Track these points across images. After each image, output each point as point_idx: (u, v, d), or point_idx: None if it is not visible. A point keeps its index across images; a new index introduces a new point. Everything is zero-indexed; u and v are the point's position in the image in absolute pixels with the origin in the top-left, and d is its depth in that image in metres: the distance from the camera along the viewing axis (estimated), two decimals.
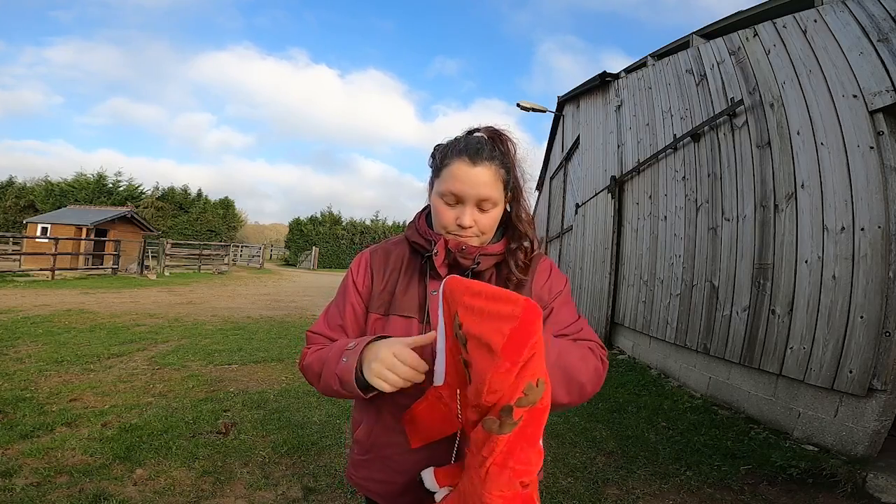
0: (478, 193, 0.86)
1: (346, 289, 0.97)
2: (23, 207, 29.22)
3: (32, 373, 4.04)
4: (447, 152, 0.90)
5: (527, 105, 10.77)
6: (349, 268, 0.99)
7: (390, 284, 0.93)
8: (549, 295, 0.94)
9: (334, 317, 0.96)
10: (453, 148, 0.89)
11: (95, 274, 14.94)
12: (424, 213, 0.99)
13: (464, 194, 0.86)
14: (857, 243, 2.90)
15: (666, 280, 5.28)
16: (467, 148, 0.87)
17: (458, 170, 0.86)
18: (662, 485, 2.66)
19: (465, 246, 0.87)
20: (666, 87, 5.55)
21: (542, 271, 0.95)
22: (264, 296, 12.13)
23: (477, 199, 0.86)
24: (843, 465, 2.69)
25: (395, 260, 0.96)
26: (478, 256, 0.88)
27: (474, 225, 0.87)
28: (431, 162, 0.94)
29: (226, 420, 3.26)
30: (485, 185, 0.86)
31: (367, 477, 0.93)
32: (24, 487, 2.22)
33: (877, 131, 2.81)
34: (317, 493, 2.41)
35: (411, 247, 0.96)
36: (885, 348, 2.69)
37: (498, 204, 0.89)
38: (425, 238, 0.92)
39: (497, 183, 0.88)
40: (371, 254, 0.98)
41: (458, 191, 0.86)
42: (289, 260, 33.18)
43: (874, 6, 2.86)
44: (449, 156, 0.88)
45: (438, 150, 0.93)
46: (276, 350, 5.61)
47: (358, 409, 0.97)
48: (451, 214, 0.88)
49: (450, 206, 0.88)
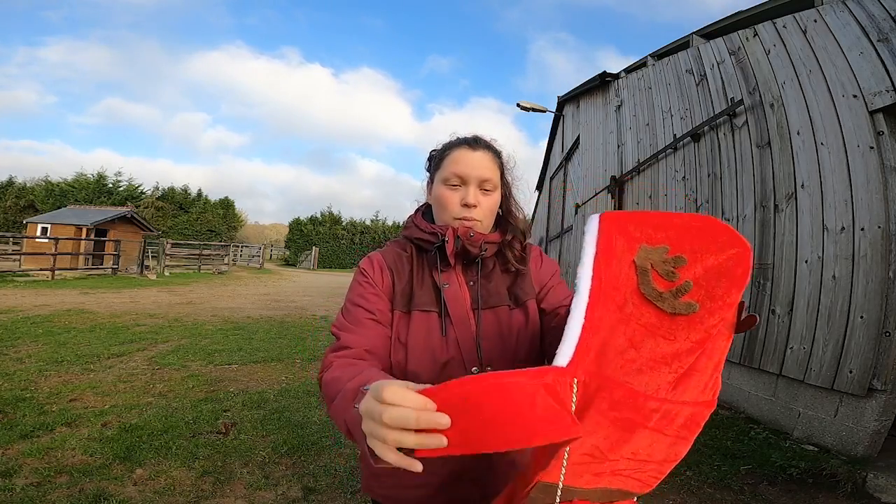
0: (480, 174, 0.91)
1: (364, 289, 0.91)
2: (23, 207, 29.22)
3: (32, 373, 4.04)
4: (446, 146, 0.96)
5: (527, 105, 10.78)
6: (360, 269, 0.95)
7: (408, 282, 0.93)
8: (547, 276, 1.00)
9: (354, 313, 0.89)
10: (452, 142, 0.96)
11: (95, 274, 14.93)
12: (420, 212, 1.00)
13: (466, 174, 0.91)
14: (857, 243, 2.90)
15: None
16: (465, 139, 0.95)
17: (459, 155, 0.92)
18: (662, 485, 2.64)
19: (473, 233, 0.90)
20: (666, 87, 5.55)
21: (534, 258, 1.01)
22: (264, 296, 12.13)
23: (479, 179, 0.91)
24: (843, 465, 2.69)
25: (406, 259, 0.97)
26: (483, 244, 0.90)
27: (478, 205, 0.91)
28: (429, 164, 1.00)
29: (226, 420, 3.26)
30: (485, 167, 0.92)
31: (396, 484, 0.87)
32: (24, 487, 2.22)
33: (877, 131, 2.81)
34: (317, 493, 2.41)
35: (414, 245, 0.97)
36: (885, 348, 2.69)
37: (496, 189, 0.94)
38: (429, 232, 0.93)
39: (495, 168, 0.94)
40: (384, 255, 0.97)
41: (461, 171, 0.91)
42: (289, 260, 33.17)
43: (874, 6, 2.86)
44: (449, 147, 0.95)
45: (436, 150, 0.99)
46: (276, 350, 5.60)
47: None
48: (456, 196, 0.91)
49: (454, 188, 0.92)
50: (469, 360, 0.87)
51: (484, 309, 0.90)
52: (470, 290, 0.92)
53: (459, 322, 0.88)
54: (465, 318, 0.89)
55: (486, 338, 0.88)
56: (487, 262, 0.94)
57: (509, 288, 0.94)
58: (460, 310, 0.89)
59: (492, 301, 0.91)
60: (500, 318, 0.90)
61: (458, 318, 0.89)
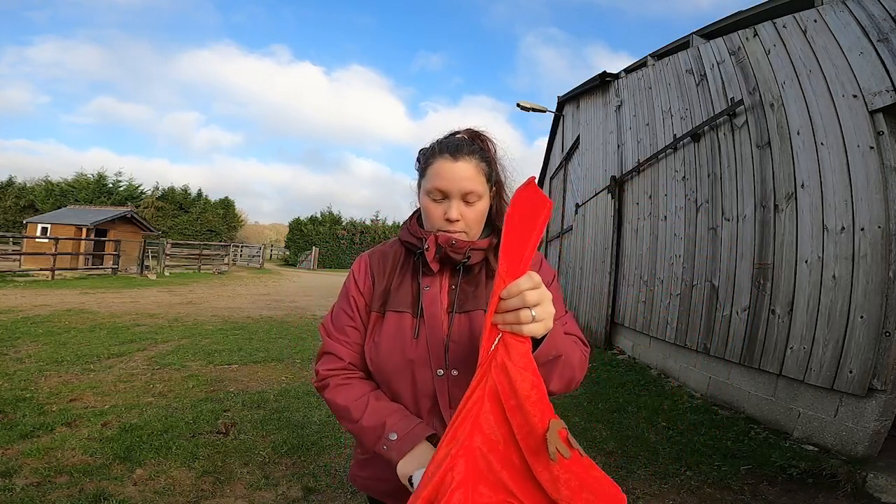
0: (461, 187, 0.90)
1: (349, 291, 1.00)
2: (23, 207, 29.23)
3: (32, 373, 4.04)
4: (429, 153, 0.95)
5: (527, 105, 10.78)
6: (350, 270, 1.03)
7: (387, 284, 0.98)
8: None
9: (340, 318, 0.99)
10: (435, 148, 0.94)
11: (95, 274, 14.93)
12: (416, 215, 1.03)
13: (448, 189, 0.90)
14: (857, 243, 2.90)
15: (666, 280, 5.28)
16: (448, 146, 0.92)
17: (440, 167, 0.91)
18: (662, 485, 2.66)
19: (455, 241, 0.90)
20: (666, 87, 5.55)
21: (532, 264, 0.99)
22: (264, 296, 12.13)
23: (461, 192, 0.90)
24: (843, 465, 2.70)
25: (391, 261, 1.00)
26: (468, 251, 0.91)
27: (461, 219, 0.91)
28: (417, 166, 1.00)
29: (226, 420, 3.26)
30: (467, 179, 0.90)
31: (371, 476, 0.95)
32: (24, 487, 2.22)
33: (877, 131, 2.81)
34: (317, 493, 2.41)
35: (405, 247, 1.00)
36: (885, 348, 2.69)
37: (482, 197, 0.93)
38: (416, 237, 0.96)
39: (479, 176, 0.92)
40: (370, 256, 1.03)
41: (442, 186, 0.90)
42: (289, 260, 33.15)
43: (874, 6, 2.86)
44: (431, 156, 0.94)
45: (422, 154, 0.98)
46: (276, 350, 5.61)
47: None
48: (439, 210, 0.91)
49: (437, 202, 0.92)
50: (436, 362, 0.89)
51: (458, 313, 0.91)
52: (450, 293, 0.94)
53: (432, 324, 0.90)
54: (437, 321, 0.91)
55: (456, 341, 0.89)
56: (473, 267, 0.94)
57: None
58: (435, 312, 0.91)
59: (468, 305, 0.91)
60: (473, 323, 0.90)
61: (431, 320, 0.90)
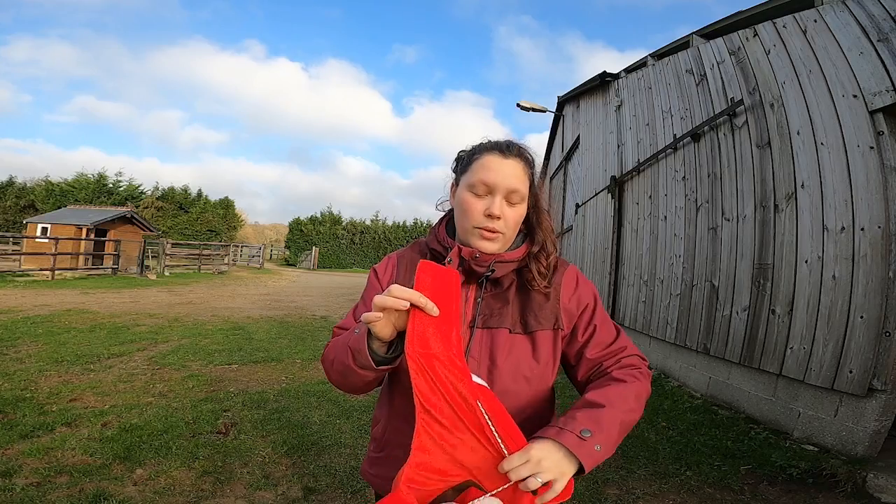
0: (509, 184, 0.87)
1: (372, 288, 0.98)
2: (23, 207, 29.19)
3: (32, 373, 4.04)
4: (476, 150, 0.93)
5: (526, 105, 10.77)
6: (373, 269, 1.01)
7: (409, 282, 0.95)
8: (577, 307, 0.94)
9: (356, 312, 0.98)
10: (483, 145, 0.92)
11: (95, 274, 14.93)
12: (445, 221, 1.00)
13: (495, 183, 0.87)
14: (857, 243, 2.90)
15: (666, 280, 5.28)
16: (498, 144, 0.91)
17: (489, 161, 0.88)
18: (662, 485, 2.66)
19: (479, 254, 0.87)
20: (666, 87, 5.55)
21: (568, 281, 0.95)
22: (264, 296, 12.13)
23: (507, 189, 0.87)
24: (843, 465, 2.70)
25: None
26: (492, 264, 0.88)
27: (503, 217, 0.87)
28: (456, 165, 0.96)
29: (226, 420, 3.26)
30: (515, 176, 0.88)
31: (379, 474, 0.95)
32: (24, 487, 2.22)
33: (877, 131, 2.81)
34: (317, 493, 2.41)
35: (431, 253, 0.98)
36: (885, 348, 2.69)
37: (524, 200, 0.90)
38: (443, 246, 0.93)
39: (525, 179, 0.90)
40: (398, 258, 1.01)
41: (489, 180, 0.87)
42: (289, 260, 33.14)
43: (874, 6, 2.85)
44: (479, 150, 0.91)
45: (464, 152, 0.96)
46: (276, 350, 5.61)
47: (378, 406, 1.02)
48: (481, 205, 0.87)
49: (479, 196, 0.88)
50: None
51: (480, 328, 0.88)
52: (474, 306, 0.90)
53: None
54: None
55: (475, 357, 0.87)
56: (503, 281, 0.91)
57: (522, 311, 0.90)
58: None
59: (492, 322, 0.89)
60: (494, 341, 0.88)
61: None
